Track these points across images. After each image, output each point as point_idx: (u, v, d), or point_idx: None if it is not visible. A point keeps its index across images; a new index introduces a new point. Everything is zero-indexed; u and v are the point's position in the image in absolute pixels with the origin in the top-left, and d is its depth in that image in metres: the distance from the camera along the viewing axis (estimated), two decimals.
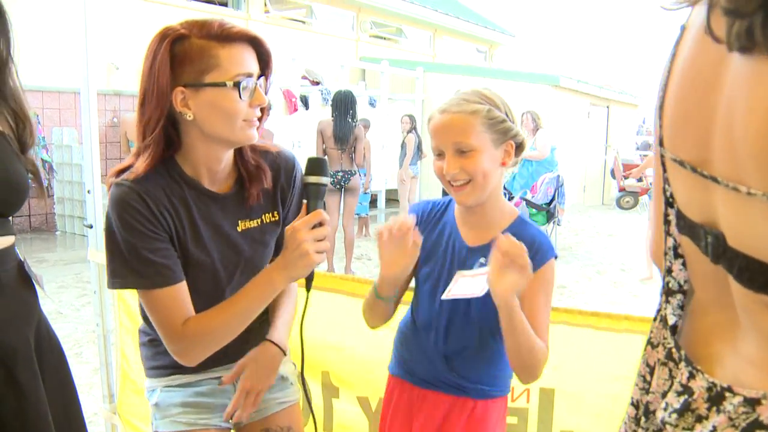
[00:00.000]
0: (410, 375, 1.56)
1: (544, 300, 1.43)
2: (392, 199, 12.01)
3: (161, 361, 1.55)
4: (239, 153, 1.48)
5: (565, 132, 11.76)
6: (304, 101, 10.18)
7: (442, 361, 1.50)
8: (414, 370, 1.55)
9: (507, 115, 1.43)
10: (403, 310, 1.66)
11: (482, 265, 1.43)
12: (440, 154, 1.44)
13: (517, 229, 1.47)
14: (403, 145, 9.05)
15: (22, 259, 1.47)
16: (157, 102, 1.31)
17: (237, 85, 1.31)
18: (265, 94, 1.39)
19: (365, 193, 7.64)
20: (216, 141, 1.38)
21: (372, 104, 11.29)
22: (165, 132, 1.36)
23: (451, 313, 1.47)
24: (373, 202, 11.12)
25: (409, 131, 8.97)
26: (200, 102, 1.32)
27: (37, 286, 1.50)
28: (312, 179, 1.36)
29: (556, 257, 1.47)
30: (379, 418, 2.05)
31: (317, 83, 11.10)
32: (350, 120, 6.24)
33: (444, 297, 1.43)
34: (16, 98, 1.47)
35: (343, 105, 6.23)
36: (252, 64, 1.36)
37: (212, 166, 1.43)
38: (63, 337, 1.58)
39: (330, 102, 6.64)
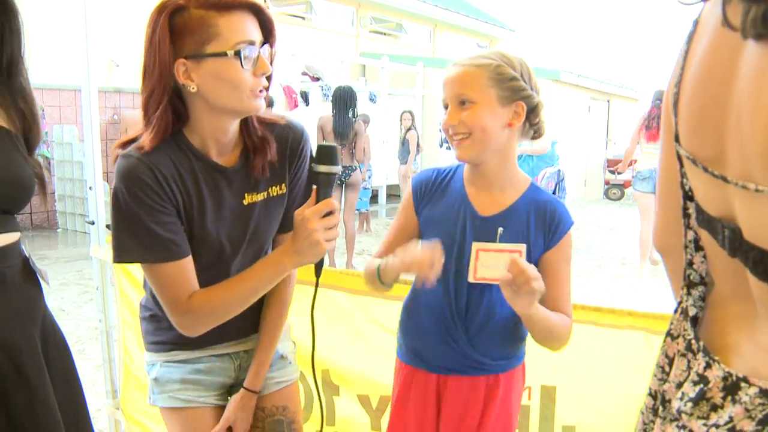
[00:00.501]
0: (425, 363, 1.52)
1: (566, 270, 1.46)
2: (393, 194, 12.01)
3: (162, 336, 1.55)
4: (245, 124, 1.45)
5: (566, 126, 11.76)
6: (305, 97, 10.17)
7: (462, 341, 1.46)
8: (428, 358, 1.51)
9: (523, 77, 1.40)
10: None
11: (502, 236, 1.40)
12: (446, 107, 1.43)
13: (532, 197, 1.46)
14: (405, 142, 9.05)
15: (27, 256, 1.47)
16: (159, 75, 1.29)
17: (238, 53, 1.29)
18: (270, 63, 1.37)
19: (366, 189, 7.64)
20: (222, 112, 1.36)
21: (372, 100, 11.28)
22: (171, 105, 1.34)
23: (470, 288, 1.44)
24: (374, 198, 11.12)
25: (409, 129, 8.98)
26: (203, 73, 1.30)
27: (42, 282, 1.50)
28: (322, 168, 1.33)
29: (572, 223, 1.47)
30: (380, 415, 2.05)
31: (317, 79, 11.08)
32: (350, 116, 6.24)
33: (471, 280, 1.40)
34: (26, 98, 1.45)
35: (343, 101, 6.23)
36: (254, 32, 1.33)
37: (219, 138, 1.41)
38: (65, 334, 1.58)
39: (330, 98, 6.64)
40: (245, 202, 1.46)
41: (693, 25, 0.78)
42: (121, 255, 1.37)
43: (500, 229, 1.40)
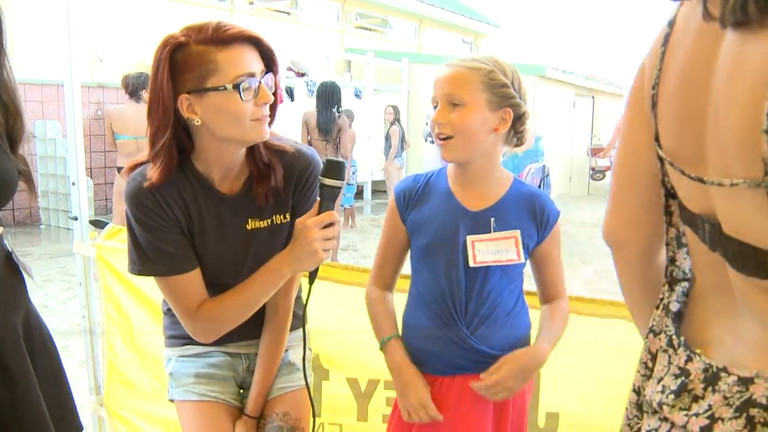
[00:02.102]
0: (428, 366, 1.50)
1: (558, 254, 1.54)
2: (378, 190, 12.00)
3: (177, 330, 1.62)
4: (251, 150, 1.49)
5: (551, 122, 11.80)
6: (290, 92, 10.14)
7: (464, 335, 1.45)
8: (430, 360, 1.50)
9: (513, 85, 1.42)
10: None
11: (496, 226, 1.45)
12: (435, 106, 1.45)
13: (518, 191, 1.51)
14: (388, 137, 9.06)
15: (10, 250, 1.46)
16: (163, 112, 1.34)
17: (237, 87, 1.33)
18: (275, 90, 1.41)
19: (350, 185, 7.63)
20: (227, 142, 1.41)
21: (357, 95, 11.27)
22: (176, 138, 1.39)
23: (468, 278, 1.45)
24: (359, 194, 11.11)
25: (393, 123, 8.98)
26: (206, 107, 1.35)
27: (25, 275, 1.49)
28: (328, 182, 1.39)
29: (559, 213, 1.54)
30: (367, 399, 2.06)
31: (302, 74, 11.04)
32: (334, 111, 6.23)
33: (472, 264, 1.43)
34: (9, 91, 1.43)
35: (327, 96, 6.22)
36: (253, 64, 1.36)
37: (224, 166, 1.46)
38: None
39: (315, 93, 6.62)
40: (248, 227, 1.51)
41: (668, 26, 0.79)
42: (135, 267, 1.47)
43: (492, 219, 1.45)
